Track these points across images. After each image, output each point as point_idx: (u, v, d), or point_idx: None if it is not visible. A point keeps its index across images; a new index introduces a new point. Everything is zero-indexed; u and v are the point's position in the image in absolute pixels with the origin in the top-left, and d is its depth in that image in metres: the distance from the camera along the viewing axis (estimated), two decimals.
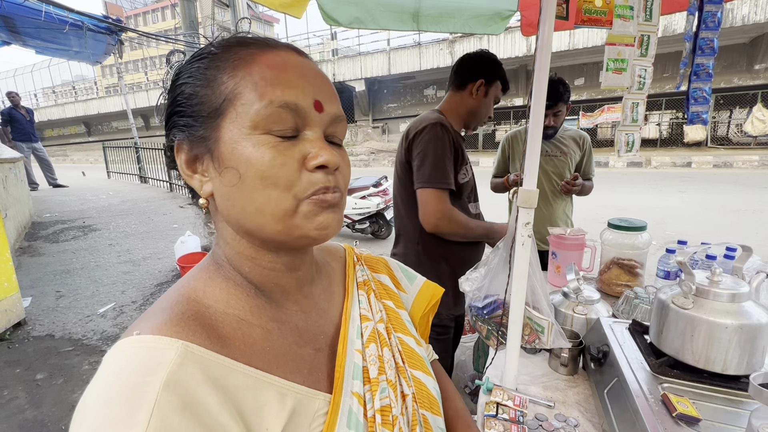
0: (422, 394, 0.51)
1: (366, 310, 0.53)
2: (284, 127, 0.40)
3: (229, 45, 0.43)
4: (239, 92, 0.40)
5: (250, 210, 0.40)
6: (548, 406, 0.97)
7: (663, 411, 0.74)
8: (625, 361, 0.91)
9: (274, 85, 0.40)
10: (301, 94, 0.41)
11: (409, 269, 0.70)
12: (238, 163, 0.39)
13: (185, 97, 0.42)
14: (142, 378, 0.32)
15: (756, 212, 6.00)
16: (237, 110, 0.40)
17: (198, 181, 0.43)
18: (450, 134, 1.43)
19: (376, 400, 0.44)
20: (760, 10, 11.25)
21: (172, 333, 0.36)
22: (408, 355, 0.53)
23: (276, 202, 0.40)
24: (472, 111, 1.53)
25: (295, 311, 0.48)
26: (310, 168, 0.41)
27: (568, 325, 1.25)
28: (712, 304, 0.81)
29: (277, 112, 0.39)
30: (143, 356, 0.34)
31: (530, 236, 0.92)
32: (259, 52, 0.42)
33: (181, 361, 0.34)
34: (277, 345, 0.43)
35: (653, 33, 1.04)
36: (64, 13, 5.30)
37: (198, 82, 0.41)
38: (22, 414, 2.10)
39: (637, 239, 1.56)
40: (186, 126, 0.42)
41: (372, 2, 1.88)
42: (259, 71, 0.40)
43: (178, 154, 0.43)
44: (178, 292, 0.42)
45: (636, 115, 1.13)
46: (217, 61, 0.42)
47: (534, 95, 0.84)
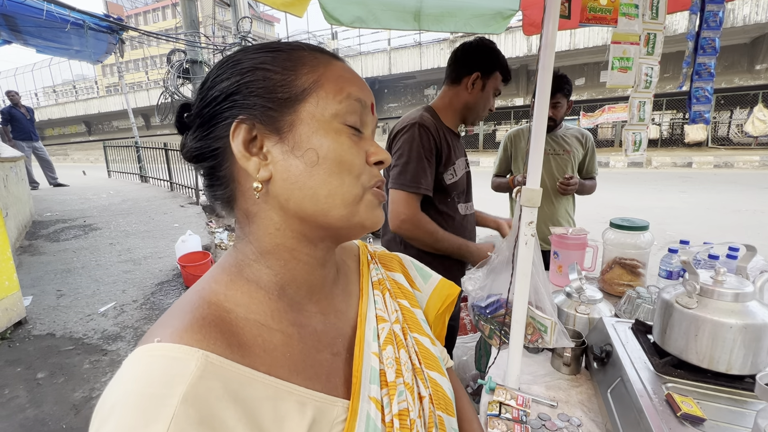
0: (438, 395, 0.51)
1: (382, 311, 0.53)
2: (356, 120, 0.45)
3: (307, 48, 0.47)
4: (322, 84, 0.44)
5: (322, 193, 0.42)
6: (551, 406, 0.97)
7: (667, 411, 0.74)
8: (629, 361, 0.90)
9: (350, 83, 0.45)
10: (367, 96, 0.47)
11: (424, 267, 0.69)
12: (319, 146, 0.42)
13: (259, 78, 0.43)
14: (161, 389, 0.32)
15: (757, 212, 6.00)
16: (319, 98, 0.43)
17: (255, 164, 0.42)
18: (431, 135, 1.37)
19: (394, 405, 0.44)
20: (761, 10, 11.24)
21: (193, 341, 0.35)
22: (424, 356, 0.53)
23: (348, 187, 0.43)
24: (468, 106, 1.46)
25: (314, 313, 0.48)
26: (370, 162, 0.46)
27: (571, 325, 1.25)
28: (717, 303, 0.81)
29: (353, 105, 0.44)
30: (163, 366, 0.33)
31: (533, 235, 0.92)
32: (333, 58, 0.48)
33: (201, 374, 0.33)
34: (297, 351, 0.43)
35: (659, 31, 1.04)
36: (65, 12, 5.30)
37: (276, 68, 0.43)
38: (23, 413, 2.10)
39: (639, 239, 1.55)
40: (255, 106, 0.42)
41: (374, 1, 1.88)
42: (337, 71, 0.45)
43: (235, 135, 0.42)
44: (199, 294, 0.42)
45: (643, 114, 1.13)
46: (297, 56, 0.45)
47: (537, 94, 0.84)
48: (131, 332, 2.89)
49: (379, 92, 19.29)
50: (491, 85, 1.44)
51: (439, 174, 1.40)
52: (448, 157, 1.42)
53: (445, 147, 1.42)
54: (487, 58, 1.42)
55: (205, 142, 0.45)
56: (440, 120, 1.46)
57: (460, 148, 1.54)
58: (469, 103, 1.45)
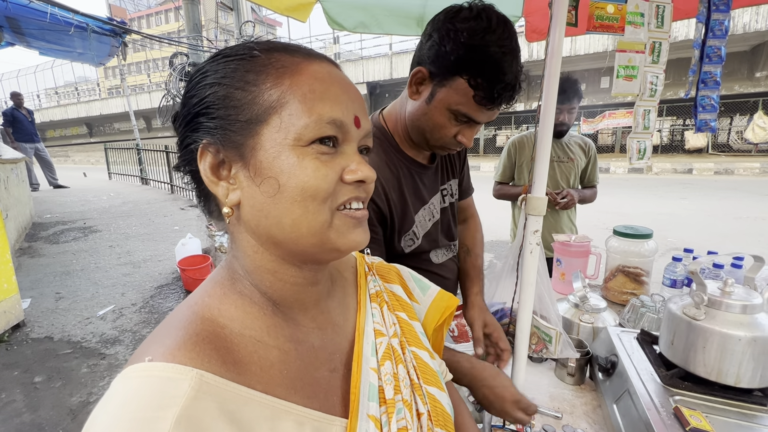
0: (437, 411, 0.50)
1: (380, 324, 0.52)
2: (329, 141, 0.40)
3: (271, 49, 0.41)
4: (286, 102, 0.39)
5: (286, 222, 0.39)
6: (556, 417, 0.95)
7: (675, 425, 0.72)
8: (635, 372, 0.89)
9: (323, 99, 0.39)
10: (345, 111, 0.41)
11: (423, 278, 0.68)
12: (279, 173, 0.38)
13: (219, 98, 0.39)
14: (153, 412, 0.30)
15: (758, 219, 5.99)
16: (282, 119, 0.38)
17: (224, 189, 0.41)
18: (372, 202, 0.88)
19: (393, 423, 0.43)
20: (761, 18, 11.29)
21: (186, 360, 0.34)
22: (422, 371, 0.52)
23: (313, 215, 0.39)
24: (412, 121, 0.91)
25: (311, 329, 0.47)
26: (347, 181, 0.41)
27: (575, 334, 1.24)
28: (725, 315, 0.80)
29: (324, 128, 0.39)
30: (155, 387, 0.32)
31: (539, 244, 0.91)
32: (304, 61, 0.41)
33: (195, 395, 0.32)
34: (294, 368, 0.42)
35: (665, 40, 1.04)
36: (69, 15, 5.32)
37: (237, 83, 0.39)
38: (19, 417, 2.08)
39: (643, 247, 1.55)
40: (217, 129, 0.39)
41: (377, 7, 1.88)
42: (307, 83, 0.39)
43: (201, 159, 0.40)
44: (192, 309, 0.41)
45: (648, 122, 1.13)
46: (259, 65, 0.40)
47: (544, 101, 0.83)
48: (130, 336, 2.87)
49: (380, 96, 19.33)
50: (444, 99, 0.82)
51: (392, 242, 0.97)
52: (403, 219, 0.96)
53: (398, 207, 0.94)
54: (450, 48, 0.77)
55: (183, 159, 0.43)
56: (394, 148, 0.96)
57: (431, 183, 1.04)
58: (411, 115, 0.90)
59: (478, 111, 0.81)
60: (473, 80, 0.77)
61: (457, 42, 0.76)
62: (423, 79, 0.84)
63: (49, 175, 8.38)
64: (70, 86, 34.82)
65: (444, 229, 1.09)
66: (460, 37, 0.75)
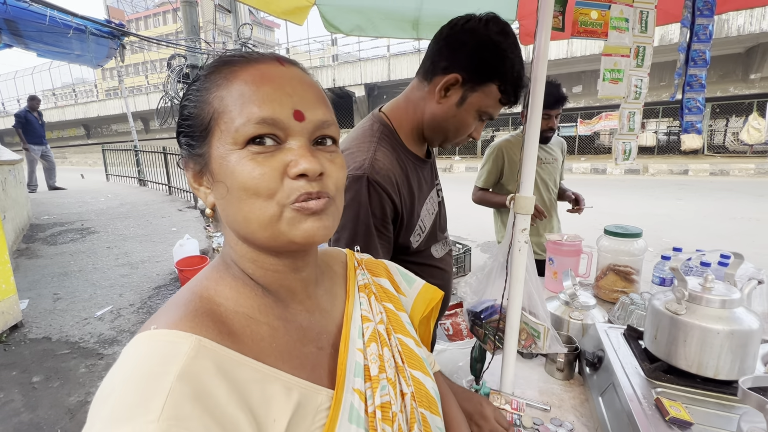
0: (421, 393, 0.52)
1: (367, 312, 0.55)
2: (260, 140, 0.42)
3: (215, 65, 0.46)
4: (222, 111, 0.42)
5: (239, 219, 0.43)
6: (544, 410, 0.98)
7: (656, 415, 0.75)
8: (620, 366, 0.92)
9: (251, 101, 0.41)
10: (279, 107, 0.42)
11: (409, 273, 0.71)
12: (225, 176, 0.42)
13: (183, 119, 0.46)
14: (158, 368, 0.34)
15: (752, 220, 6.04)
16: (221, 128, 0.42)
17: (203, 193, 0.47)
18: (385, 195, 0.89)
19: (377, 397, 0.46)
20: (755, 20, 11.40)
21: (187, 328, 0.38)
22: (407, 356, 0.55)
23: (260, 210, 0.42)
24: (434, 122, 0.95)
25: (299, 311, 0.50)
26: (291, 176, 0.42)
27: (565, 331, 1.27)
28: (705, 310, 0.83)
29: (255, 127, 0.41)
30: (160, 348, 0.36)
31: (527, 242, 0.94)
32: (240, 68, 0.44)
33: (195, 354, 0.36)
34: (283, 342, 0.46)
35: (649, 44, 1.07)
36: (68, 18, 5.34)
37: (192, 104, 0.45)
38: (17, 417, 2.09)
39: (632, 246, 1.58)
40: (187, 145, 0.46)
41: (373, 10, 1.91)
42: (237, 88, 0.42)
43: (186, 170, 0.47)
44: (192, 290, 0.45)
45: (633, 124, 1.16)
46: (206, 83, 0.45)
47: (531, 104, 0.86)
48: (128, 336, 2.88)
49: (378, 98, 19.37)
50: (475, 103, 0.90)
51: (402, 239, 0.99)
52: (411, 214, 0.98)
53: (407, 202, 0.96)
54: (483, 57, 0.86)
55: None
56: (400, 144, 0.99)
57: (429, 179, 1.09)
58: (436, 118, 0.94)
59: (498, 110, 0.92)
60: (503, 85, 0.88)
61: (494, 52, 0.86)
62: (454, 83, 0.89)
63: (48, 178, 8.40)
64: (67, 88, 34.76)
65: (441, 224, 1.13)
66: (497, 48, 0.85)
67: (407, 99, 1.01)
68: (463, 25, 0.88)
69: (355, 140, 0.97)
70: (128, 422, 0.31)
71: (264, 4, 1.66)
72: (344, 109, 19.45)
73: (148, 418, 0.31)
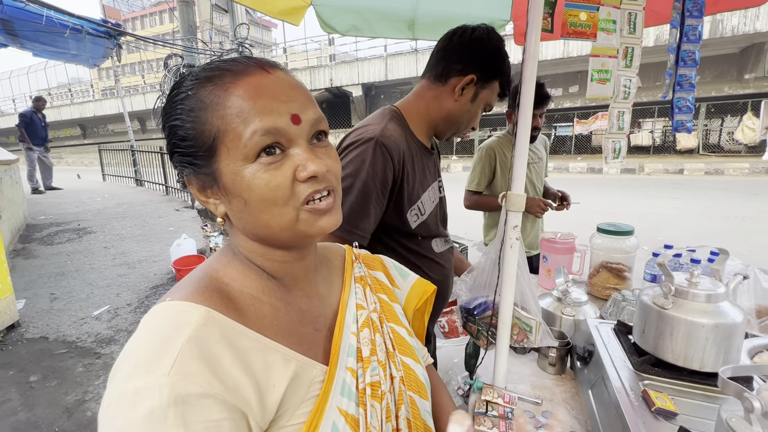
0: (410, 377, 0.56)
1: (362, 300, 0.59)
2: (270, 150, 0.44)
3: (199, 81, 0.45)
4: (224, 130, 0.44)
5: (260, 225, 0.47)
6: (536, 403, 1.00)
7: (642, 406, 0.77)
8: (609, 360, 0.94)
9: (252, 115, 0.43)
10: (277, 116, 0.44)
11: (403, 267, 0.75)
12: (242, 191, 0.45)
13: (179, 139, 0.46)
14: (171, 332, 0.39)
15: (746, 219, 6.10)
16: (227, 146, 0.44)
17: (213, 205, 0.49)
18: (390, 160, 0.98)
19: (367, 376, 0.50)
20: (749, 21, 11.49)
21: (198, 300, 0.43)
22: (399, 343, 0.58)
23: (279, 216, 0.46)
24: (450, 117, 1.09)
25: (300, 296, 0.54)
26: (301, 179, 0.45)
27: (557, 327, 1.29)
28: (690, 304, 0.85)
29: (261, 140, 0.43)
30: (174, 317, 0.41)
31: (518, 239, 0.96)
32: (230, 84, 0.44)
33: (204, 322, 0.41)
34: (283, 321, 0.50)
35: (637, 45, 1.09)
36: (64, 18, 5.32)
37: (186, 125, 0.45)
38: (15, 416, 2.10)
39: (625, 243, 1.60)
40: (189, 164, 0.47)
41: (369, 10, 1.92)
42: (236, 105, 0.43)
43: (189, 185, 0.49)
44: (203, 270, 0.50)
45: (622, 123, 1.18)
46: (195, 101, 0.45)
47: (521, 104, 0.88)
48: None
49: (375, 98, 19.40)
50: (484, 97, 1.08)
51: (399, 213, 1.05)
52: (413, 190, 1.06)
53: (410, 176, 1.04)
54: (491, 59, 1.04)
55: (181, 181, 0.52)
56: (410, 131, 1.09)
57: (433, 170, 1.17)
58: (452, 113, 1.08)
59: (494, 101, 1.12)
60: (503, 81, 1.08)
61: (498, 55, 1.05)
62: (470, 83, 1.05)
63: (45, 179, 8.38)
64: (63, 87, 34.56)
65: (441, 219, 1.22)
66: (499, 52, 1.05)
67: (418, 97, 1.12)
68: (470, 35, 1.05)
69: (369, 119, 1.10)
70: (143, 376, 0.36)
71: (260, 4, 1.67)
72: (341, 109, 19.45)
73: (159, 372, 0.36)
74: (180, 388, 0.36)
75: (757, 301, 1.19)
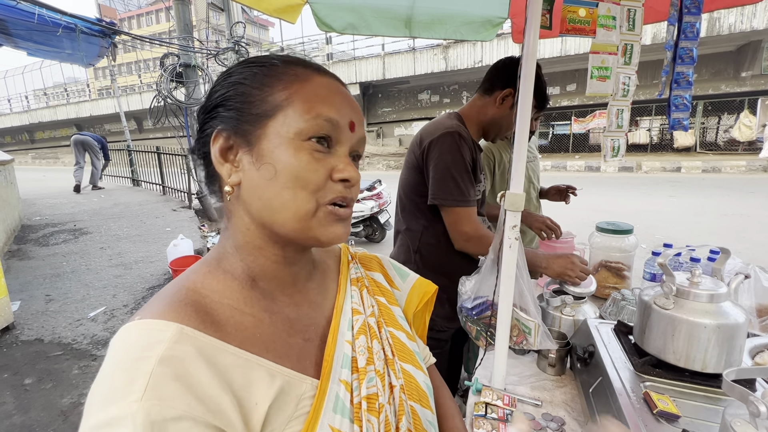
0: (411, 386, 0.53)
1: (358, 305, 0.56)
2: (323, 138, 0.46)
3: (290, 62, 0.49)
4: (292, 102, 0.45)
5: (276, 205, 0.45)
6: (536, 405, 0.99)
7: (644, 408, 0.76)
8: (610, 361, 0.93)
9: (323, 102, 0.46)
10: (342, 114, 0.47)
11: (403, 267, 0.71)
12: (277, 161, 0.44)
13: (239, 93, 0.47)
14: (141, 353, 0.36)
15: (743, 216, 6.11)
16: (287, 116, 0.45)
17: (227, 170, 0.47)
18: (468, 145, 1.33)
19: (363, 388, 0.47)
20: (746, 19, 11.51)
21: (169, 317, 0.40)
22: (398, 349, 0.55)
23: (301, 202, 0.44)
24: (494, 121, 1.41)
25: (287, 303, 0.51)
26: (335, 179, 0.46)
27: (557, 327, 1.27)
28: (692, 304, 0.84)
29: (321, 124, 0.45)
30: (143, 336, 0.38)
31: (517, 239, 0.95)
32: (315, 73, 0.48)
33: (177, 339, 0.38)
34: (268, 333, 0.46)
35: (636, 42, 1.08)
36: (57, 16, 5.28)
37: (255, 84, 0.46)
38: (9, 419, 2.08)
39: (624, 242, 1.59)
40: (231, 119, 0.46)
41: (365, 8, 1.90)
42: (312, 89, 0.46)
43: (214, 142, 0.47)
44: (179, 283, 0.47)
45: (621, 121, 1.16)
46: (276, 72, 0.47)
47: (520, 102, 0.87)
48: None
49: (373, 97, 19.36)
50: None
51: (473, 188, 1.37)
52: (476, 172, 1.39)
53: (477, 159, 1.40)
54: None
55: (199, 143, 0.50)
56: (469, 134, 1.41)
57: (481, 163, 1.50)
58: (495, 118, 1.40)
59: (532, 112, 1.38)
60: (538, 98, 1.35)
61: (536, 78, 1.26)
62: (508, 95, 1.36)
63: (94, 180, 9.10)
64: (59, 87, 34.34)
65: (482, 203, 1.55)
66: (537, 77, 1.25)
67: (471, 105, 1.46)
68: (512, 60, 1.38)
69: (441, 118, 1.44)
70: (115, 404, 0.33)
71: (256, 2, 1.65)
72: None
73: (132, 398, 0.33)
74: (155, 413, 0.33)
75: (757, 300, 1.19)
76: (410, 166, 1.45)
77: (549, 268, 1.28)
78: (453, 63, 15.69)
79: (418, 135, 1.44)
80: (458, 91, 17.68)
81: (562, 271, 1.25)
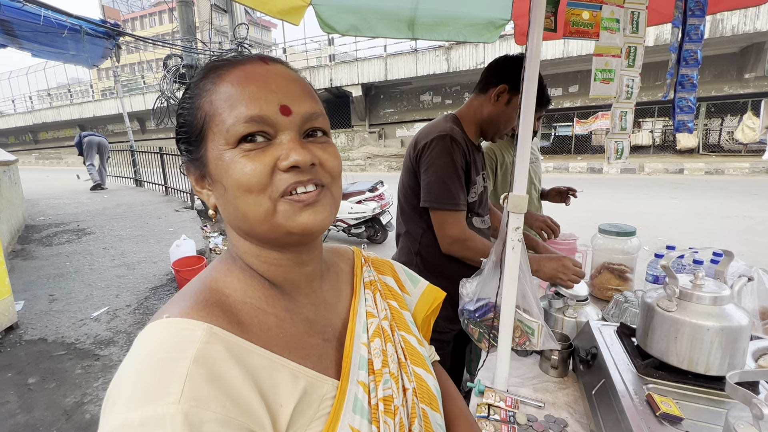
0: (422, 389, 0.53)
1: (372, 308, 0.56)
2: (252, 138, 0.43)
3: (203, 72, 0.47)
4: (212, 114, 0.44)
5: (239, 216, 0.45)
6: (538, 407, 0.99)
7: (647, 411, 0.76)
8: (613, 363, 0.93)
9: (238, 101, 0.43)
10: (265, 104, 0.43)
11: (413, 273, 0.72)
12: (221, 176, 0.44)
13: (179, 126, 0.48)
14: (174, 353, 0.36)
15: (746, 218, 6.09)
16: (213, 131, 0.44)
17: (206, 196, 0.48)
18: (461, 148, 1.32)
19: (380, 390, 0.47)
20: (749, 20, 11.47)
21: (198, 317, 0.40)
22: (410, 352, 0.56)
23: (255, 206, 0.43)
24: (490, 119, 1.39)
25: (305, 304, 0.51)
26: (282, 169, 0.43)
27: (559, 329, 1.27)
28: (695, 306, 0.84)
29: (245, 126, 0.43)
30: (173, 335, 0.38)
31: (520, 240, 0.95)
32: (226, 71, 0.45)
33: (208, 339, 0.38)
34: (290, 333, 0.47)
35: (640, 44, 1.08)
36: (62, 18, 5.31)
37: (186, 112, 0.47)
38: (13, 418, 2.09)
39: (626, 244, 1.59)
40: (186, 151, 0.48)
41: (368, 10, 1.91)
42: (224, 91, 0.44)
43: (188, 176, 0.49)
44: (202, 281, 0.47)
45: (624, 124, 1.17)
46: (198, 90, 0.46)
47: (523, 104, 0.87)
48: (124, 337, 2.87)
49: (375, 98, 19.38)
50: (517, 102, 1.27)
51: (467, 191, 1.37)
52: (469, 175, 1.37)
53: (472, 164, 1.37)
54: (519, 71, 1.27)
55: None
56: (464, 131, 1.41)
57: (480, 163, 1.48)
58: (491, 115, 1.39)
59: None
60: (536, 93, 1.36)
61: None
62: (503, 91, 1.34)
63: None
64: (62, 88, 34.53)
65: (483, 204, 1.52)
66: None
67: (468, 106, 1.45)
68: (505, 58, 1.38)
69: (436, 121, 1.44)
70: (150, 404, 0.32)
71: (260, 3, 1.66)
72: (341, 109, 19.43)
73: (169, 400, 0.32)
74: (194, 416, 0.32)
75: (761, 303, 1.18)
76: (407, 169, 1.45)
77: (541, 271, 1.26)
78: (455, 64, 15.69)
79: (414, 138, 1.44)
80: (460, 92, 17.68)
81: (553, 274, 1.24)
